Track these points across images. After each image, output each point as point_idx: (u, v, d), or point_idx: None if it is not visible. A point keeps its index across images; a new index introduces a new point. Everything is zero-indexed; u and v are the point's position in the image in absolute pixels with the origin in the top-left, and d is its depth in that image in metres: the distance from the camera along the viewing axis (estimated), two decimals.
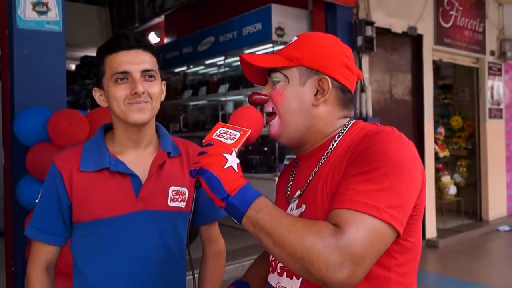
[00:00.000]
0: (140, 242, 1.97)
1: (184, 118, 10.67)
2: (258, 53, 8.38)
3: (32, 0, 4.36)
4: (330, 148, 1.63)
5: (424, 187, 1.53)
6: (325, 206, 1.49)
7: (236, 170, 1.47)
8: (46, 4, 4.43)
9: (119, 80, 1.91)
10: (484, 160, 10.72)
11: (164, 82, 2.07)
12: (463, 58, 10.40)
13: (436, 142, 9.80)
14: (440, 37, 9.40)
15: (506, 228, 10.31)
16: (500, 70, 11.10)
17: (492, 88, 10.85)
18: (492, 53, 10.83)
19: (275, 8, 7.55)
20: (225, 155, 1.47)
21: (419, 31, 8.85)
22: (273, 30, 7.49)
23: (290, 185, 1.78)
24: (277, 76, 1.67)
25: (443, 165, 10.35)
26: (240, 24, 8.31)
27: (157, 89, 1.97)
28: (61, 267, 3.79)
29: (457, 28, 9.83)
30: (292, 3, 7.81)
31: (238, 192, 1.43)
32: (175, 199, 2.05)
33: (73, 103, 13.36)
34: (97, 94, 2.04)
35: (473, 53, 10.35)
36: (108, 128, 2.13)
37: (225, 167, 1.44)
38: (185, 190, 2.08)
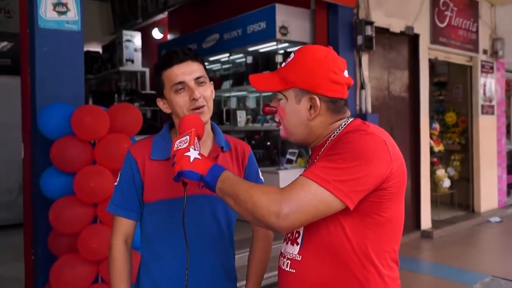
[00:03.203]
0: (197, 220, 2.32)
1: None
2: (262, 50, 8.67)
3: (52, 0, 4.54)
4: (326, 144, 1.96)
5: (394, 174, 1.83)
6: None
7: (200, 158, 1.92)
8: (65, 5, 4.61)
9: (178, 90, 2.27)
10: (477, 154, 10.99)
11: (211, 82, 2.42)
12: (457, 56, 10.63)
13: (431, 137, 10.04)
14: (436, 36, 9.63)
15: (497, 219, 10.64)
16: (492, 68, 11.36)
17: (484, 85, 11.12)
18: (485, 51, 11.09)
19: (279, 8, 7.70)
20: (186, 154, 1.92)
21: (416, 31, 9.09)
22: (277, 29, 7.64)
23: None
24: (279, 95, 2.00)
25: (438, 159, 10.59)
26: (244, 23, 8.44)
27: (209, 91, 2.34)
28: (85, 254, 4.01)
29: (452, 28, 10.07)
30: (295, 3, 7.97)
31: (209, 172, 1.87)
32: None
33: None
34: (160, 103, 2.40)
35: (466, 52, 10.61)
36: (172, 124, 2.48)
37: (191, 161, 1.89)
38: None
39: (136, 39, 11.74)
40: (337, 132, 1.96)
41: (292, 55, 2.01)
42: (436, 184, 10.29)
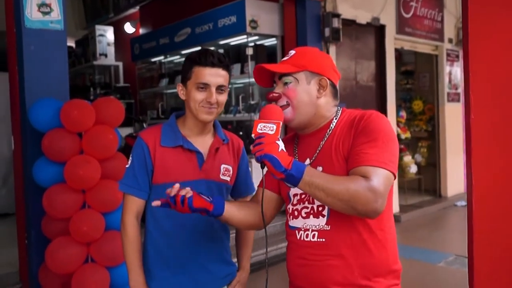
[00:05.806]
0: None
1: (162, 105, 10.91)
2: (232, 43, 8.89)
3: (37, 1, 4.73)
4: (330, 128, 2.27)
5: None
6: (341, 164, 2.15)
7: (285, 150, 2.02)
8: (49, 5, 4.81)
9: (200, 88, 2.54)
10: (443, 141, 11.28)
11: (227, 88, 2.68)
12: (423, 46, 10.90)
13: (398, 125, 10.35)
14: (402, 26, 9.90)
15: (463, 203, 10.81)
16: (457, 56, 11.61)
17: (450, 73, 11.40)
18: (450, 40, 11.36)
19: (249, 2, 7.91)
20: (277, 142, 2.01)
21: (382, 22, 9.35)
22: (247, 23, 7.86)
23: (297, 155, 2.37)
24: (288, 78, 2.25)
25: (405, 146, 10.86)
26: (215, 17, 8.62)
27: (224, 98, 2.61)
28: (76, 236, 4.27)
29: (417, 18, 10.32)
30: None
31: (293, 166, 1.97)
32: (225, 174, 2.72)
33: None
34: (179, 88, 2.66)
35: (432, 41, 10.88)
36: (178, 115, 2.76)
37: (279, 150, 1.98)
38: (231, 168, 2.76)
39: (108, 33, 11.89)
40: (336, 118, 2.29)
41: (293, 52, 2.34)
42: (404, 170, 10.60)
